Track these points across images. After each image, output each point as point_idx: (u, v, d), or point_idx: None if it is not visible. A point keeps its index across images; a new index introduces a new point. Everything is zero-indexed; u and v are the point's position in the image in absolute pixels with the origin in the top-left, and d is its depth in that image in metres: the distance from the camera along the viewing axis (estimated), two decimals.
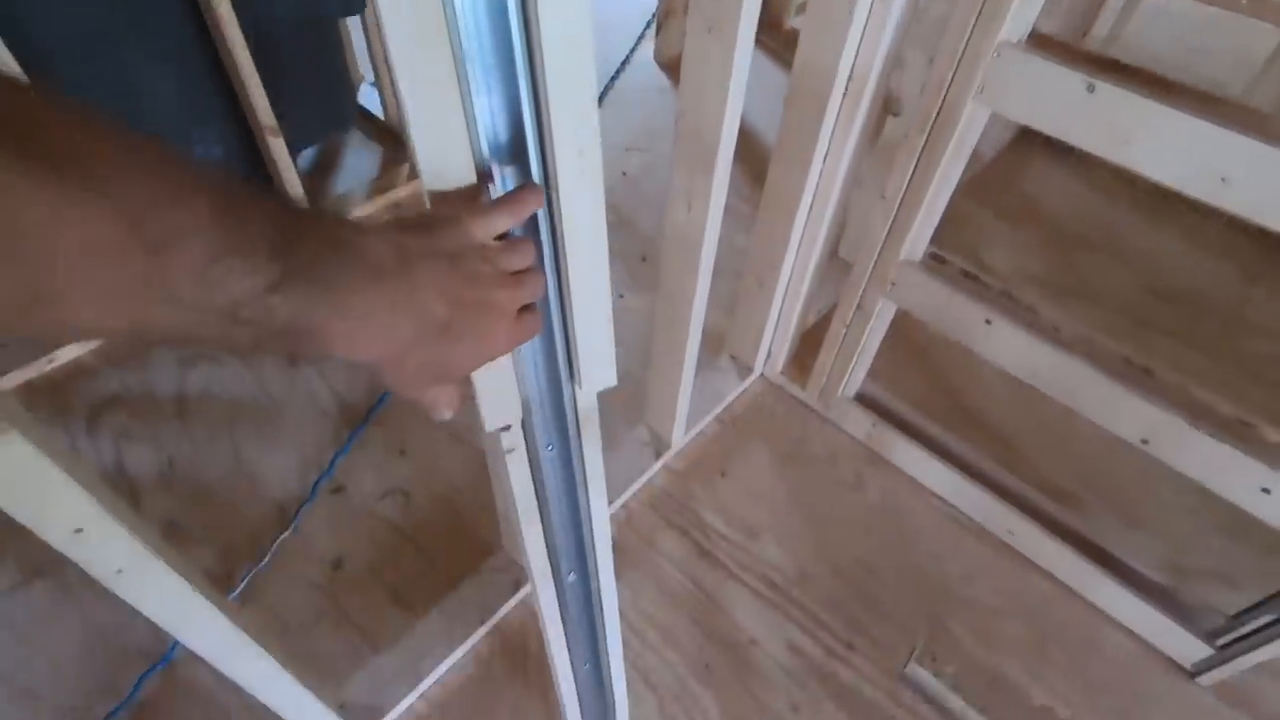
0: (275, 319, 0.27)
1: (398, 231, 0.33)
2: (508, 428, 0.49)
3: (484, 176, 0.38)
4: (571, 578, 0.64)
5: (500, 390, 0.47)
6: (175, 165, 0.25)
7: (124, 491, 1.10)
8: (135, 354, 1.27)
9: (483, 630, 0.99)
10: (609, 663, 0.75)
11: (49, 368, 1.23)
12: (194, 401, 1.22)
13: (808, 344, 1.32)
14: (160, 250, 0.24)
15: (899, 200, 0.94)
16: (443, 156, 0.36)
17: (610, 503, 1.13)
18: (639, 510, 1.15)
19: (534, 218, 0.40)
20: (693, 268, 0.89)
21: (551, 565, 0.62)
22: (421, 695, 0.94)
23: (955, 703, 0.95)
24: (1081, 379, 0.89)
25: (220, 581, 1.02)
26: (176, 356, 1.27)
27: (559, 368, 0.49)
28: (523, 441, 0.51)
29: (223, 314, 0.26)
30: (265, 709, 0.77)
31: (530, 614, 1.03)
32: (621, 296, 1.45)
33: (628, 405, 1.27)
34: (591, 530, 0.60)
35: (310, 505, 1.11)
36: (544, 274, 0.42)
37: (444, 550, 1.08)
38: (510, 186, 0.39)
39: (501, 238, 0.38)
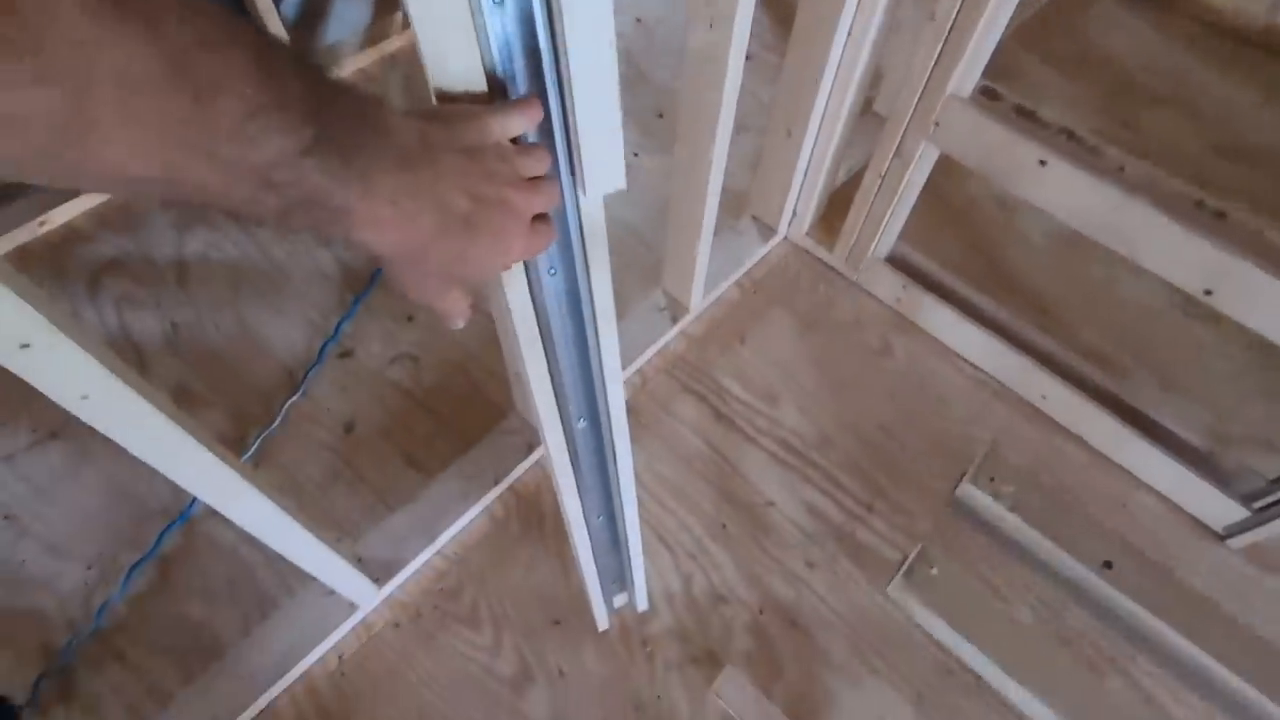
0: (306, 186, 0.27)
1: (420, 119, 0.33)
2: None
3: (495, 81, 0.37)
4: (581, 424, 0.60)
5: None
6: (219, 14, 0.25)
7: (130, 357, 1.08)
8: (130, 217, 1.21)
9: (497, 491, 0.98)
10: (623, 515, 0.73)
11: (42, 230, 1.18)
12: (194, 266, 1.18)
13: (836, 205, 1.23)
14: (201, 96, 0.24)
15: (951, 21, 0.83)
16: (451, 51, 0.34)
17: (625, 368, 1.09)
18: (655, 376, 1.11)
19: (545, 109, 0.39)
20: (714, 99, 0.80)
21: (559, 410, 0.58)
22: (438, 551, 0.95)
23: (1012, 523, 0.90)
24: (1145, 223, 0.81)
25: (233, 444, 1.02)
26: (172, 220, 1.22)
27: (559, 168, 0.42)
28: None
29: (256, 174, 0.26)
30: (285, 561, 0.77)
31: (545, 476, 1.02)
32: (636, 155, 1.35)
33: (643, 271, 1.21)
34: (602, 371, 0.56)
35: (318, 370, 1.09)
36: (559, 184, 0.41)
37: (455, 414, 1.06)
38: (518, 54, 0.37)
39: (515, 144, 0.38)
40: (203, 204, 0.27)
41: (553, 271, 0.47)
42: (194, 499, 0.97)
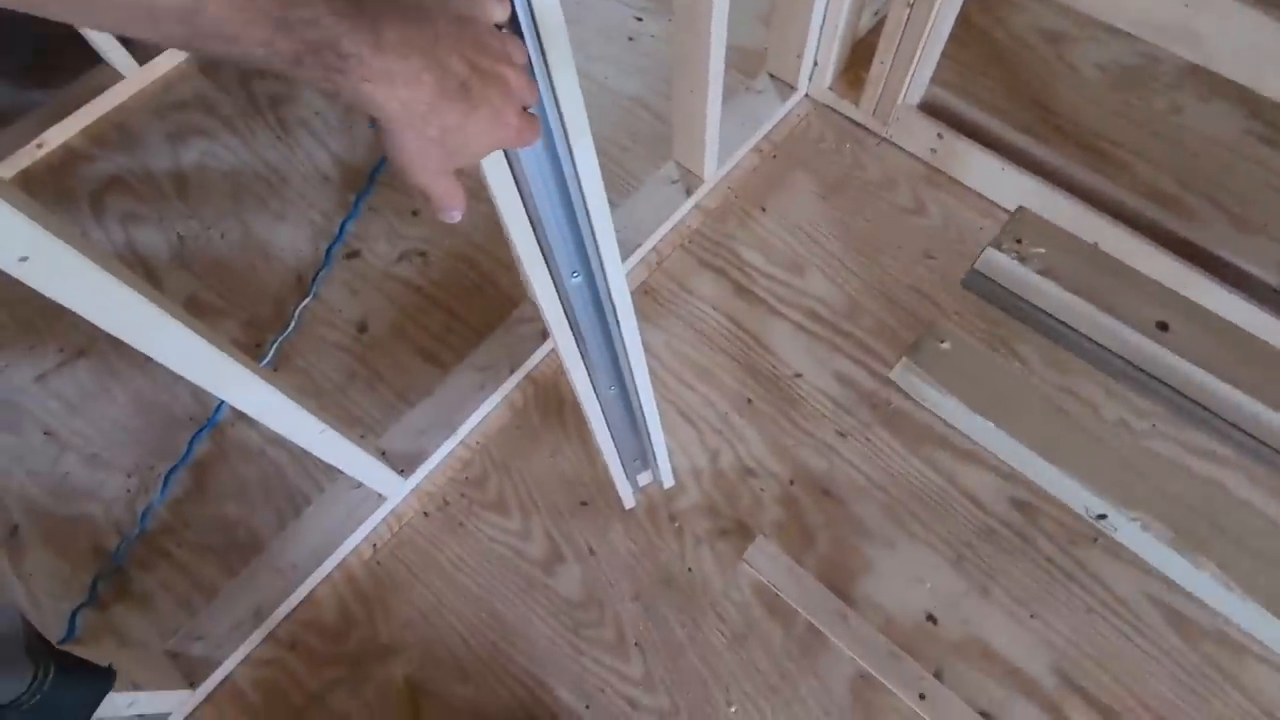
0: (320, 28, 0.28)
1: None
2: None
3: None
4: (575, 279, 0.56)
5: None
6: None
7: (140, 273, 1.08)
8: (125, 134, 1.18)
9: (514, 380, 0.96)
10: (634, 384, 0.70)
11: (41, 153, 1.16)
12: (193, 177, 1.15)
13: (860, 55, 1.12)
14: None
15: None
16: None
17: (639, 246, 1.03)
18: (671, 253, 1.05)
19: None
20: None
21: (546, 262, 0.53)
22: (461, 442, 0.94)
23: (1042, 288, 0.78)
24: (1223, 19, 0.69)
25: (249, 351, 1.01)
26: (166, 133, 1.18)
27: None
28: None
29: (273, 11, 0.27)
30: (312, 459, 0.77)
31: (559, 361, 0.99)
32: (640, 20, 1.24)
33: (653, 144, 1.13)
34: (587, 209, 0.50)
35: (327, 272, 1.06)
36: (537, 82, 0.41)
37: (467, 307, 1.03)
38: None
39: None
40: (215, 52, 0.27)
41: None
42: (219, 405, 0.98)
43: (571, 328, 0.60)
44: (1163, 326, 0.79)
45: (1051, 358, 0.87)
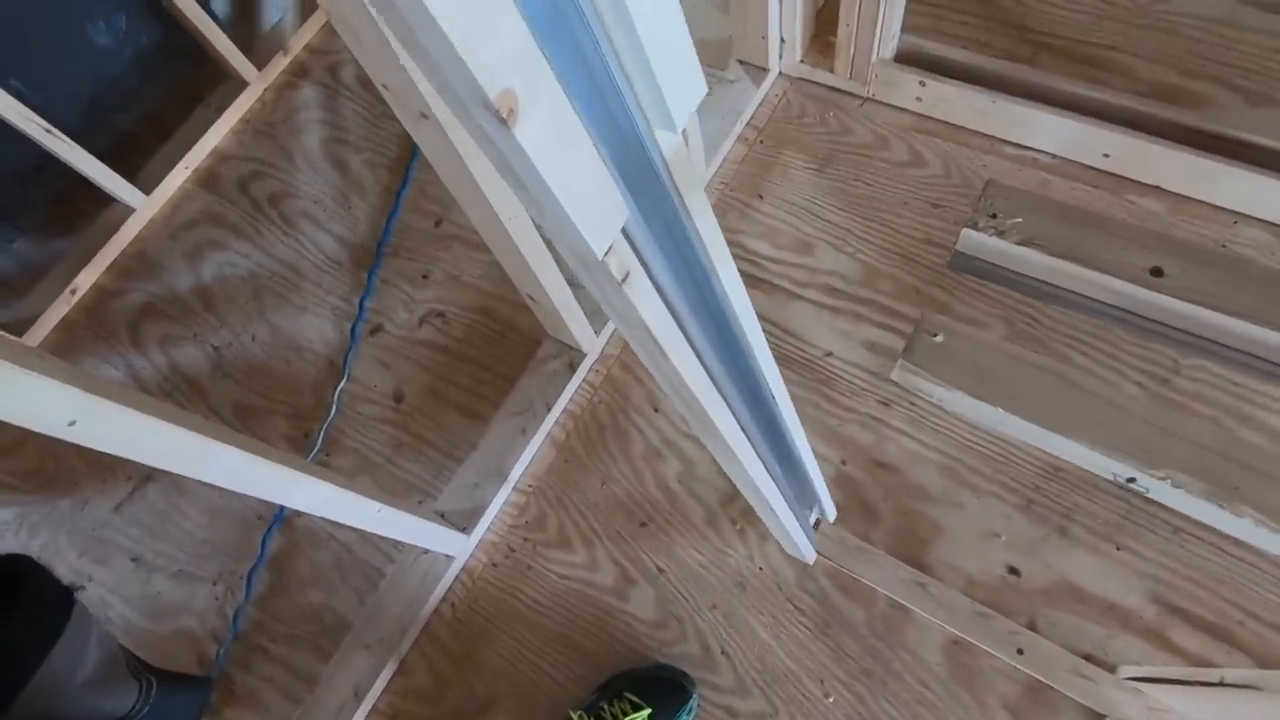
0: None
1: None
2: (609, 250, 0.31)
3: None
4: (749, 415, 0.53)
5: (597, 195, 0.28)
6: None
7: (186, 390, 1.13)
8: (146, 263, 1.24)
9: (551, 417, 0.98)
10: (799, 450, 0.65)
11: (75, 298, 1.23)
12: (216, 289, 1.20)
13: (826, 20, 1.10)
14: None
15: None
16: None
17: None
18: None
19: None
20: None
21: (746, 434, 0.51)
22: (514, 488, 0.96)
23: (1027, 258, 0.78)
24: None
25: (299, 442, 1.05)
26: (183, 253, 1.24)
27: (631, 117, 0.29)
28: (635, 259, 0.33)
29: None
30: (377, 534, 0.80)
31: (594, 393, 1.00)
32: None
33: None
34: (757, 362, 0.48)
35: (356, 352, 1.10)
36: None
37: (492, 356, 1.05)
38: None
39: None
40: None
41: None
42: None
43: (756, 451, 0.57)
44: (1156, 272, 0.78)
45: (1058, 318, 0.85)
